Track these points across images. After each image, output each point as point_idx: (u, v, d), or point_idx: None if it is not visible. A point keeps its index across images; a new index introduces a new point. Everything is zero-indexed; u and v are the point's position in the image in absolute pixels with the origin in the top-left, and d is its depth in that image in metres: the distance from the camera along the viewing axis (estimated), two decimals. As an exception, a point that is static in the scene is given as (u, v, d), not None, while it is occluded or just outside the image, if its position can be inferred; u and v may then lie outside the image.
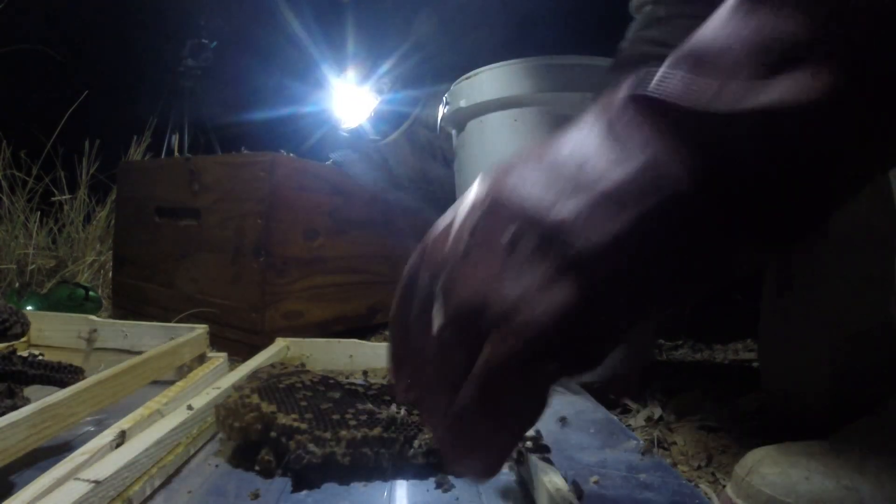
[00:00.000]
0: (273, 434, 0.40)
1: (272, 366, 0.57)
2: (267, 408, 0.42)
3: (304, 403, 0.44)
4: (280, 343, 0.69)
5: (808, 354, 0.60)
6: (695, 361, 0.95)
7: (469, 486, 0.39)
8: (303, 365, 0.63)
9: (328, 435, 0.40)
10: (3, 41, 1.31)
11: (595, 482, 0.39)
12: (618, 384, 0.51)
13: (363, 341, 0.71)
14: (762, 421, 0.62)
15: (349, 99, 2.11)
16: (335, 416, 0.42)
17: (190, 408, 0.45)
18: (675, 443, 0.57)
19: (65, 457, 0.35)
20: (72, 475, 0.32)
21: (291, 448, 0.39)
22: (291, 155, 1.01)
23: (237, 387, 0.48)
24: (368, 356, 0.70)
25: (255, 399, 0.43)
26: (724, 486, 0.47)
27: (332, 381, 0.51)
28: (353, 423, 0.41)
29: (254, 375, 0.52)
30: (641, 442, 0.48)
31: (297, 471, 0.38)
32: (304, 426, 0.40)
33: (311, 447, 0.39)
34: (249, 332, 0.94)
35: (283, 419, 0.41)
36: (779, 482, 0.37)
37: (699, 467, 0.53)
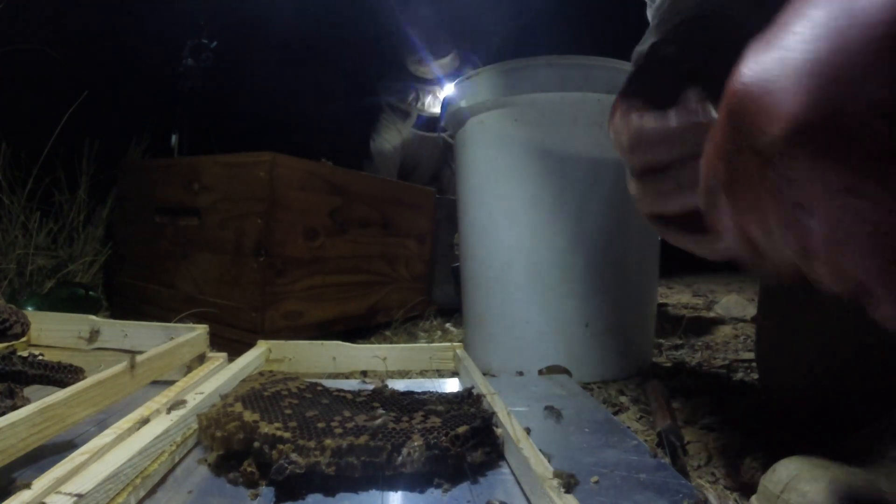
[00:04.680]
0: (256, 444, 0.39)
1: (261, 373, 0.56)
2: (250, 416, 0.41)
3: (289, 412, 0.43)
4: (262, 346, 0.69)
5: (808, 353, 0.60)
6: (695, 361, 0.95)
7: (463, 492, 0.39)
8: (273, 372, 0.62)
9: (312, 444, 0.38)
10: (3, 41, 1.31)
11: (595, 482, 0.39)
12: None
13: (346, 343, 0.70)
14: (762, 421, 0.62)
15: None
16: (321, 425, 0.41)
17: (170, 412, 0.44)
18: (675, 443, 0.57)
19: (65, 457, 0.35)
20: (54, 488, 0.32)
21: (274, 458, 0.38)
22: (325, 161, 1.01)
23: (222, 395, 0.48)
24: (352, 358, 0.69)
25: (238, 407, 0.42)
26: (738, 499, 0.47)
27: (319, 388, 0.50)
28: (338, 431, 0.40)
29: (242, 382, 0.51)
30: (641, 442, 0.48)
31: (280, 482, 0.37)
32: (287, 435, 0.39)
33: (294, 457, 0.37)
34: (249, 332, 0.94)
35: (265, 428, 0.40)
36: (821, 501, 0.35)
37: (699, 467, 0.53)
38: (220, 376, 0.55)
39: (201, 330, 0.67)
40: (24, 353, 0.55)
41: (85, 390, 0.44)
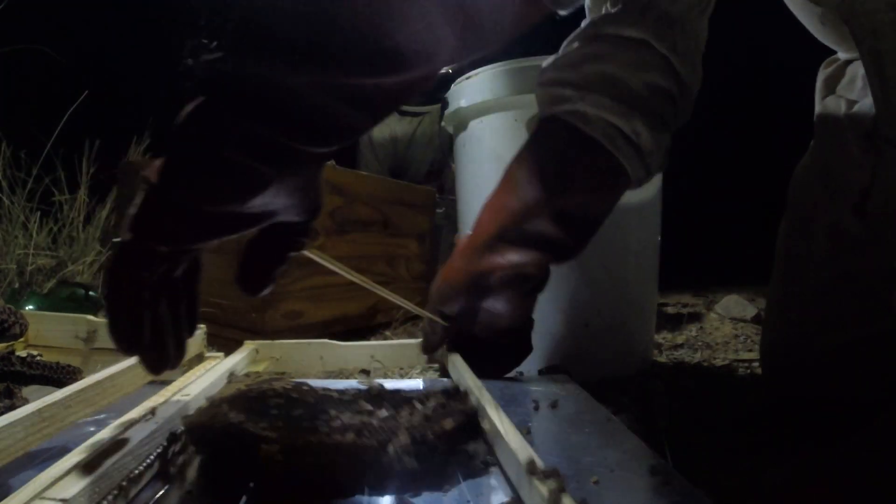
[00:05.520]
0: (242, 445, 0.39)
1: (247, 374, 0.56)
2: (235, 417, 0.40)
3: (274, 412, 0.42)
4: (248, 346, 0.68)
5: (815, 349, 0.59)
6: (695, 361, 0.95)
7: (463, 492, 0.39)
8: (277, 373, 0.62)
9: (299, 443, 0.38)
10: (3, 41, 1.31)
11: (595, 482, 0.39)
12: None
13: (333, 342, 0.70)
14: (763, 421, 0.62)
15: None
16: (306, 424, 0.40)
17: (152, 415, 0.44)
18: (675, 443, 0.57)
19: (64, 457, 0.35)
20: (40, 493, 0.31)
21: (260, 459, 0.37)
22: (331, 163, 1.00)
23: (208, 397, 0.47)
24: (339, 357, 0.69)
25: (224, 408, 0.42)
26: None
27: (305, 388, 0.50)
28: (324, 430, 0.40)
29: (228, 383, 0.51)
30: (641, 442, 0.47)
31: (265, 482, 0.37)
32: (273, 435, 0.39)
33: (280, 457, 0.37)
34: (249, 332, 0.94)
35: (251, 428, 0.39)
36: None
37: (699, 467, 0.52)
38: (205, 378, 0.54)
39: (200, 330, 0.67)
40: (23, 354, 0.55)
41: (83, 390, 0.44)
